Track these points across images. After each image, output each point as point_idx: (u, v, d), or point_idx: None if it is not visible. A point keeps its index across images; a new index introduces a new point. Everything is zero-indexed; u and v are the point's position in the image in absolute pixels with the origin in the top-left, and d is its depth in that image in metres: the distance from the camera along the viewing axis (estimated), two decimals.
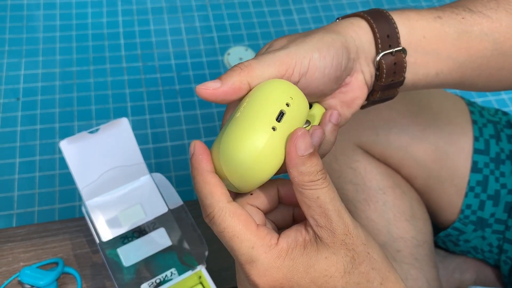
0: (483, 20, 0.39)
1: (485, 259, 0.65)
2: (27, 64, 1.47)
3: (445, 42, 0.39)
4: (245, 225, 0.30)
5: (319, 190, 0.30)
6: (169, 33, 1.59)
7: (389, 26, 0.37)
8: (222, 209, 0.30)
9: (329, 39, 0.35)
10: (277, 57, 0.33)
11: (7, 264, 0.66)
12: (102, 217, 0.61)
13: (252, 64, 0.32)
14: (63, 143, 0.59)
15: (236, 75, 0.32)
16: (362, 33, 0.37)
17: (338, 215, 0.30)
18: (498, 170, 0.60)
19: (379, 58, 0.37)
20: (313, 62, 0.34)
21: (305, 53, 0.34)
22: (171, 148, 1.33)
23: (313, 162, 0.30)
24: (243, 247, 0.30)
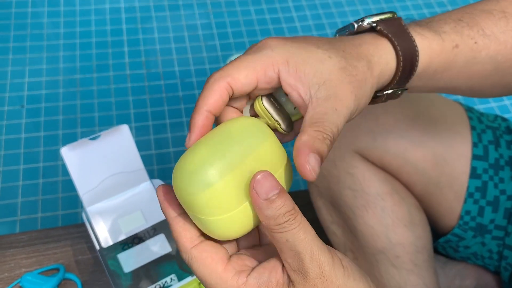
0: (491, 43, 0.39)
1: (485, 266, 0.65)
2: (31, 72, 1.48)
3: (450, 71, 0.39)
4: (208, 268, 0.30)
5: (287, 233, 0.29)
6: (173, 41, 1.60)
7: (411, 60, 0.36)
8: (188, 254, 0.31)
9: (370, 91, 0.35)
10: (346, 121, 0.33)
11: (9, 270, 0.67)
12: (102, 223, 0.62)
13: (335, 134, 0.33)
14: (64, 150, 0.60)
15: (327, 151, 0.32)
16: (389, 73, 0.36)
17: (311, 257, 0.29)
18: (497, 176, 0.60)
19: (384, 93, 0.38)
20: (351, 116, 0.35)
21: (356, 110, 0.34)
22: (173, 154, 1.34)
23: (277, 205, 0.29)
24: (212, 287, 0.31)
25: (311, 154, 0.30)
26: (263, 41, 0.34)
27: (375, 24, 0.36)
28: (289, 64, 0.33)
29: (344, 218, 0.60)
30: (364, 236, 0.59)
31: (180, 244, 0.31)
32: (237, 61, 0.34)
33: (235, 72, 0.33)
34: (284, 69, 0.33)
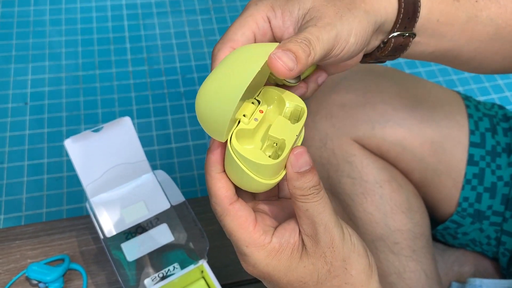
0: (492, 4, 0.41)
1: (484, 252, 0.66)
2: (34, 69, 1.50)
3: (453, 26, 0.40)
4: (242, 227, 0.34)
5: (309, 204, 0.32)
6: (174, 37, 1.61)
7: (414, 6, 0.38)
8: (224, 211, 0.34)
9: (365, 22, 0.36)
10: (331, 41, 0.34)
11: (15, 261, 0.68)
12: (106, 214, 0.63)
13: (317, 49, 0.33)
14: (67, 142, 0.61)
15: (307, 57, 0.33)
16: (390, 10, 0.38)
17: (325, 228, 0.33)
18: (494, 163, 0.61)
19: (390, 36, 0.39)
20: (348, 46, 0.36)
21: (347, 36, 0.35)
22: (176, 150, 1.35)
23: (306, 179, 0.32)
24: (239, 244, 0.34)
25: (280, 50, 0.32)
26: (249, 2, 0.37)
27: None
28: (275, 9, 0.36)
29: (344, 206, 0.61)
30: (363, 223, 0.60)
31: (219, 200, 0.34)
32: (232, 25, 0.36)
33: (233, 35, 0.36)
34: (272, 15, 0.36)
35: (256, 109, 0.35)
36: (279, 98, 0.36)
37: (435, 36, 0.41)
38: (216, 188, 0.34)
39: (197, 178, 1.29)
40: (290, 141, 0.33)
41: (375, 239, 0.59)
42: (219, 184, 0.34)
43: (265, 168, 0.33)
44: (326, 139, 0.61)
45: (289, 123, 0.35)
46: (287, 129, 0.34)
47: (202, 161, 1.33)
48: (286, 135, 0.34)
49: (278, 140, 0.34)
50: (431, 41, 0.41)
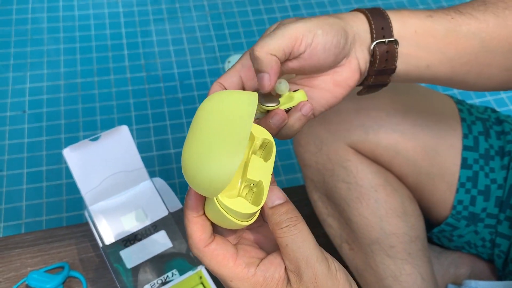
0: (471, 20, 0.43)
1: (479, 254, 0.66)
2: (32, 77, 1.50)
3: (435, 37, 0.42)
4: (221, 264, 0.34)
5: (287, 238, 0.33)
6: (171, 43, 1.62)
7: (383, 19, 0.42)
8: (200, 252, 0.35)
9: (331, 21, 0.40)
10: (287, 30, 0.38)
11: (15, 269, 0.69)
12: (104, 221, 0.63)
13: (268, 41, 0.38)
14: (66, 151, 0.62)
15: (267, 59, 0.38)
16: (360, 23, 0.42)
17: (306, 263, 0.33)
18: (488, 166, 0.61)
19: (373, 45, 0.42)
20: (316, 37, 0.39)
21: (310, 28, 0.39)
22: (174, 155, 1.36)
23: (280, 211, 0.33)
24: (224, 279, 0.35)
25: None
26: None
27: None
28: None
29: (340, 211, 0.62)
30: (359, 227, 0.60)
31: (194, 243, 0.35)
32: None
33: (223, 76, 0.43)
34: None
35: None
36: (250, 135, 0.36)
37: (421, 48, 0.43)
38: (192, 231, 0.35)
39: None
40: (267, 181, 0.34)
41: (371, 243, 0.60)
42: (195, 228, 0.35)
43: (248, 214, 0.33)
44: (321, 144, 0.62)
45: (263, 162, 0.35)
46: (262, 169, 0.34)
47: None
48: (261, 176, 0.34)
49: (255, 182, 0.34)
50: (420, 53, 0.43)
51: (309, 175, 0.65)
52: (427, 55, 0.43)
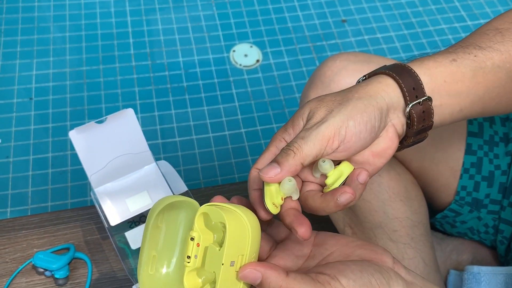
0: (493, 54, 0.42)
1: (482, 240, 0.67)
2: (38, 64, 1.51)
3: (463, 81, 0.42)
4: None
5: None
6: (177, 32, 1.62)
7: (413, 79, 0.40)
8: None
9: (361, 105, 0.38)
10: (320, 134, 0.37)
11: (21, 250, 0.70)
12: (110, 203, 0.64)
13: (302, 146, 0.37)
14: (72, 133, 0.62)
15: (291, 159, 0.36)
16: (390, 90, 0.40)
17: None
18: (492, 152, 0.61)
19: (408, 109, 0.40)
20: (349, 129, 0.38)
21: (342, 123, 0.38)
22: (179, 143, 1.36)
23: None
24: None
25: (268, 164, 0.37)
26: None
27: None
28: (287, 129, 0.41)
29: None
30: (362, 212, 0.61)
31: None
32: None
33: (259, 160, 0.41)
34: (286, 134, 0.41)
35: (194, 245, 0.35)
36: (206, 217, 0.36)
37: (452, 95, 0.42)
38: None
39: (200, 171, 1.31)
40: (218, 271, 0.34)
41: (373, 227, 0.60)
42: None
43: None
44: None
45: (216, 251, 0.35)
46: (215, 258, 0.35)
47: (206, 154, 1.34)
48: (214, 267, 0.34)
49: (212, 274, 0.35)
50: (452, 100, 0.42)
51: None
52: (459, 100, 0.42)
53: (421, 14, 1.70)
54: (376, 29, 1.64)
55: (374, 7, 1.71)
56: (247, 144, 1.37)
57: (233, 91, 1.48)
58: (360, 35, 1.63)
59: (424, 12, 1.70)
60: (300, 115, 0.40)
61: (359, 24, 1.66)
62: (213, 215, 0.35)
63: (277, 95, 1.46)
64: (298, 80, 1.50)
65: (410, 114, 0.40)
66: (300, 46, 1.59)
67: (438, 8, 1.72)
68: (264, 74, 1.51)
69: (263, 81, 1.50)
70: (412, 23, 1.67)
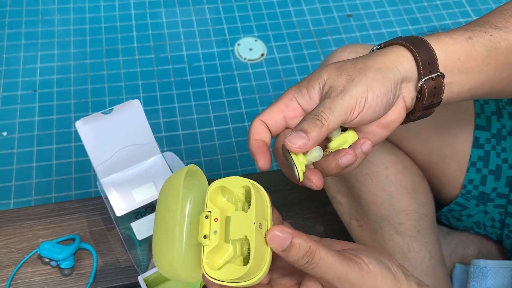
0: (508, 35, 0.42)
1: (488, 235, 0.66)
2: (43, 57, 1.51)
3: (476, 60, 0.41)
4: None
5: (311, 270, 0.33)
6: (181, 25, 1.62)
7: (428, 53, 0.40)
8: None
9: (380, 77, 0.39)
10: (345, 105, 0.37)
11: (27, 240, 0.70)
12: (116, 194, 0.64)
13: (330, 117, 0.37)
14: (78, 123, 0.62)
15: (319, 130, 0.36)
16: (406, 62, 0.40)
17: (339, 280, 0.33)
18: (500, 146, 0.61)
19: (421, 83, 0.40)
20: (368, 101, 0.38)
21: (362, 94, 0.38)
22: (183, 137, 1.36)
23: (292, 253, 0.33)
24: None
25: (293, 132, 0.36)
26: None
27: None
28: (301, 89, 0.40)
29: (349, 187, 0.62)
30: (368, 204, 0.60)
31: None
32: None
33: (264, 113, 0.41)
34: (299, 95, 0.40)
35: (211, 221, 0.34)
36: (225, 190, 0.36)
37: (464, 73, 0.41)
38: None
39: (203, 164, 1.31)
40: (251, 234, 0.33)
41: (380, 220, 0.60)
42: None
43: (245, 274, 0.33)
44: None
45: (243, 215, 0.34)
46: (244, 222, 0.34)
47: (209, 147, 1.34)
48: (245, 230, 0.33)
49: (242, 239, 0.34)
50: (462, 78, 0.42)
51: None
52: (469, 79, 0.42)
53: (426, 9, 1.69)
54: (382, 24, 1.64)
55: (380, 2, 1.70)
56: None
57: (237, 85, 1.47)
58: (365, 30, 1.62)
59: (429, 8, 1.69)
60: (316, 79, 0.40)
61: (365, 19, 1.65)
62: (230, 184, 0.35)
63: (282, 89, 1.46)
64: (302, 75, 1.50)
65: (421, 88, 0.40)
66: (305, 40, 1.58)
67: (443, 3, 1.71)
68: (269, 68, 1.51)
69: (268, 75, 1.49)
70: (417, 18, 1.66)
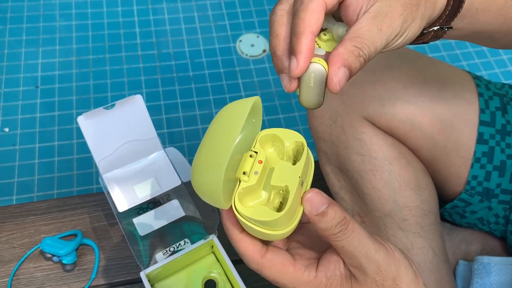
0: None
1: (491, 231, 0.66)
2: (44, 53, 1.51)
3: (490, 12, 0.41)
4: (282, 272, 0.34)
5: (342, 241, 0.32)
6: (183, 21, 1.61)
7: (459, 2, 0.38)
8: (259, 265, 0.34)
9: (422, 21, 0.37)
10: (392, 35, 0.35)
11: (29, 235, 0.70)
12: (118, 189, 0.64)
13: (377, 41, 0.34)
14: (80, 119, 0.62)
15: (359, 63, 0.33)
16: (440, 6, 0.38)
17: (367, 258, 0.33)
18: (504, 142, 0.61)
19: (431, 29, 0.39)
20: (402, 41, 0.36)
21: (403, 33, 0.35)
22: (185, 133, 1.36)
23: (328, 218, 0.32)
24: (286, 287, 0.35)
25: (341, 67, 0.32)
26: None
27: None
28: None
29: (352, 183, 0.62)
30: (372, 200, 0.60)
31: (249, 258, 0.34)
32: None
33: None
34: None
35: (255, 161, 0.34)
36: (277, 139, 0.35)
37: (471, 24, 0.41)
38: (243, 249, 0.34)
39: None
40: (293, 185, 0.32)
41: (383, 216, 0.60)
42: (244, 244, 0.34)
43: (274, 222, 0.32)
44: (336, 116, 0.61)
45: (290, 166, 0.34)
46: (289, 173, 0.33)
47: None
48: (288, 181, 0.33)
49: (281, 188, 0.33)
50: (466, 27, 0.41)
51: (322, 148, 0.64)
52: (472, 27, 0.41)
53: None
54: None
55: None
56: None
57: (239, 81, 1.47)
58: None
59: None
60: None
61: None
62: (283, 136, 0.35)
63: None
64: None
65: (427, 32, 0.39)
66: None
67: None
68: (271, 64, 1.50)
69: (270, 71, 1.49)
70: None
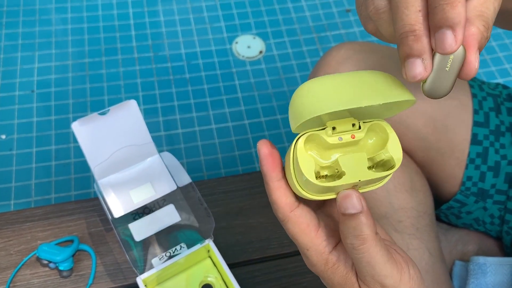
0: None
1: (487, 231, 0.66)
2: (40, 57, 1.51)
3: None
4: (303, 232, 0.34)
5: (354, 256, 0.32)
6: (179, 23, 1.61)
7: None
8: (285, 217, 0.34)
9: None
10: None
11: (26, 242, 0.70)
12: (113, 195, 0.64)
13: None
14: (74, 125, 0.62)
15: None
16: None
17: (372, 278, 0.32)
18: (498, 142, 0.61)
19: None
20: None
21: None
22: (182, 135, 1.36)
23: (348, 224, 0.31)
24: (301, 247, 0.35)
25: (477, 50, 0.29)
26: None
27: None
28: None
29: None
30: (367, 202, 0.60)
31: (279, 208, 0.34)
32: None
33: None
34: None
35: (351, 130, 0.32)
36: (383, 140, 0.33)
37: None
38: (276, 196, 0.34)
39: (203, 163, 1.30)
40: (349, 179, 0.31)
41: (378, 218, 0.60)
42: (279, 193, 0.34)
43: (306, 181, 0.31)
44: None
45: (365, 165, 0.32)
46: (359, 168, 0.32)
47: (209, 146, 1.34)
48: (351, 171, 0.31)
49: (340, 169, 0.32)
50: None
51: None
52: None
53: None
54: None
55: None
56: (251, 135, 1.36)
57: (236, 82, 1.47)
58: None
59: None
60: None
61: None
62: (390, 142, 0.34)
63: (281, 86, 1.46)
64: (302, 71, 1.49)
65: None
66: (304, 37, 1.58)
67: None
68: (268, 66, 1.50)
69: (267, 73, 1.49)
70: None
